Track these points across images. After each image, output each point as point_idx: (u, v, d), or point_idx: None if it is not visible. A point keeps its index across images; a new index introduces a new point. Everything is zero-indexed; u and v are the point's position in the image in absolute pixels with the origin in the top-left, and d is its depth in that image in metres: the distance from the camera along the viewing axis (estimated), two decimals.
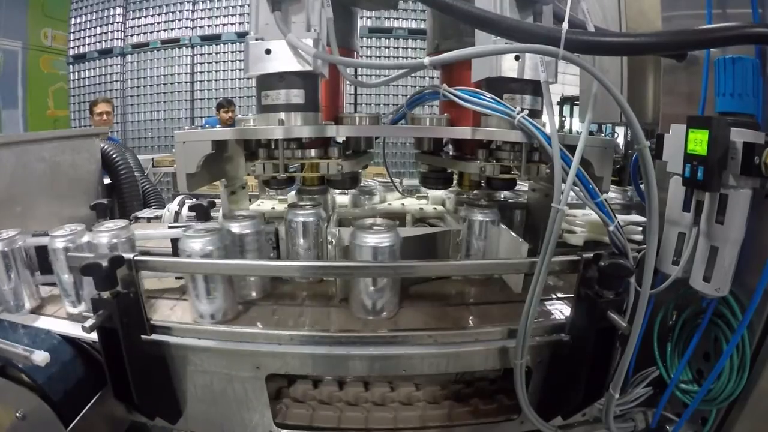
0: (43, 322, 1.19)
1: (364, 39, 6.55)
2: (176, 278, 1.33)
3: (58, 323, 1.19)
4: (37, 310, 1.25)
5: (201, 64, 6.93)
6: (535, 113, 1.19)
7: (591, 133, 1.17)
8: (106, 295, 1.00)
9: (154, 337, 1.08)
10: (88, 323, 0.97)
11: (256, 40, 1.16)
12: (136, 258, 1.03)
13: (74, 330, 1.14)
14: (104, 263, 0.97)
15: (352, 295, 1.17)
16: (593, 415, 1.24)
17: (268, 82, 1.20)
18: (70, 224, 1.22)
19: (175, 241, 1.34)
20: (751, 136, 0.92)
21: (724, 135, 0.92)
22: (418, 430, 1.19)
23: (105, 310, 0.99)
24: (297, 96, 1.19)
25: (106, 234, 1.17)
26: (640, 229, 1.55)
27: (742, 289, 1.04)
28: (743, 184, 0.95)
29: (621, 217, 1.21)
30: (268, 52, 1.15)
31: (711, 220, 1.00)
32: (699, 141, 0.94)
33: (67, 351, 1.12)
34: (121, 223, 1.22)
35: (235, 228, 1.21)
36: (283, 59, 1.15)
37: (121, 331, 1.01)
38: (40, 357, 0.98)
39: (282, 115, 1.20)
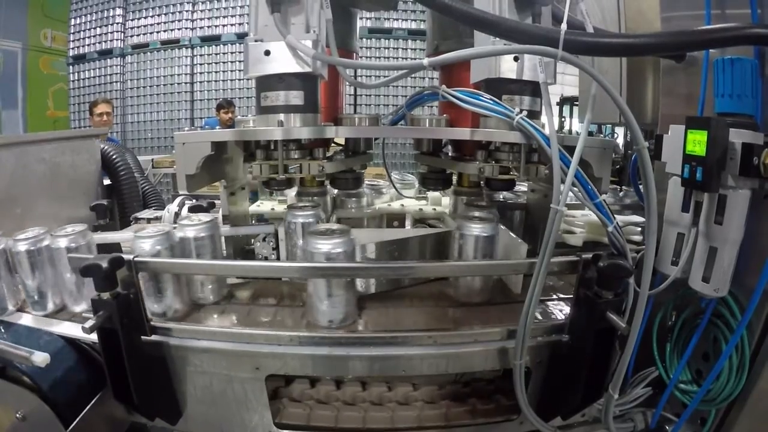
0: (41, 323, 1.19)
1: (364, 40, 6.56)
2: None
3: (58, 324, 1.19)
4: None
5: (201, 65, 6.94)
6: (534, 114, 1.19)
7: (590, 133, 1.17)
8: (106, 296, 1.00)
9: (154, 337, 1.09)
10: (89, 324, 0.97)
11: (256, 41, 1.17)
12: (135, 259, 1.03)
13: (74, 331, 1.14)
14: (104, 264, 0.97)
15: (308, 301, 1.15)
16: (593, 416, 1.24)
17: (268, 83, 1.20)
18: (34, 227, 1.23)
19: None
20: (750, 137, 0.92)
21: (722, 136, 0.92)
22: (417, 431, 1.19)
23: (105, 311, 0.99)
24: (296, 97, 1.19)
25: (65, 238, 1.17)
26: (639, 229, 1.55)
27: (741, 289, 1.04)
28: (742, 185, 0.95)
29: (619, 218, 1.21)
30: (267, 53, 1.15)
31: (710, 220, 1.00)
32: (698, 142, 0.94)
33: (67, 352, 1.12)
34: (79, 227, 1.22)
35: (190, 231, 1.20)
36: (282, 60, 1.15)
37: (121, 331, 1.01)
38: (40, 358, 0.99)
39: (281, 117, 1.20)
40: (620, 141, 4.90)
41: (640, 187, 1.08)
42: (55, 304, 1.23)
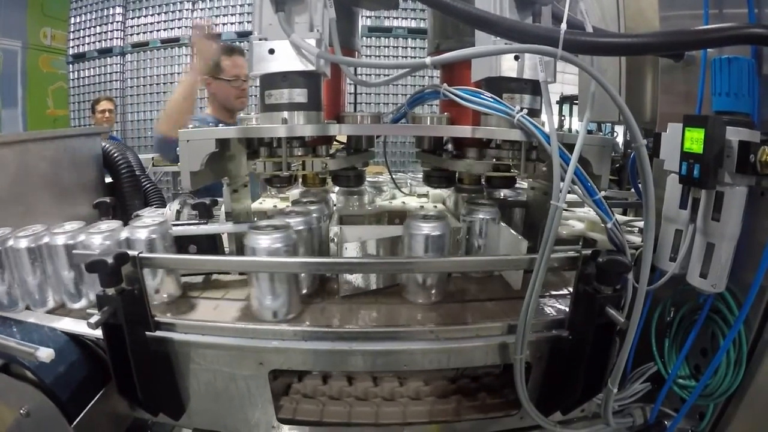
0: (46, 320, 1.20)
1: (364, 38, 6.55)
2: None
3: (62, 321, 1.20)
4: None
5: None
6: (534, 112, 1.20)
7: (590, 132, 1.18)
8: (111, 291, 1.01)
9: (158, 333, 1.09)
10: (94, 319, 0.98)
11: (260, 39, 1.17)
12: (140, 255, 1.04)
13: (78, 327, 1.16)
14: (109, 260, 0.98)
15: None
16: (592, 411, 1.25)
17: (272, 81, 1.21)
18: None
19: (178, 239, 1.35)
20: (747, 135, 0.93)
21: (719, 134, 0.94)
22: (416, 426, 1.20)
23: (110, 307, 1.00)
24: (300, 95, 1.20)
25: (25, 239, 1.18)
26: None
27: (738, 285, 1.05)
28: (739, 182, 0.96)
29: None
30: (271, 52, 1.16)
31: (707, 217, 1.01)
32: (695, 140, 0.96)
33: (71, 348, 1.13)
34: (40, 227, 1.23)
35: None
36: (286, 59, 1.16)
37: (125, 327, 1.02)
38: (45, 353, 0.99)
39: (285, 114, 1.21)
40: (620, 140, 4.91)
41: (639, 184, 1.09)
42: (55, 302, 1.24)
